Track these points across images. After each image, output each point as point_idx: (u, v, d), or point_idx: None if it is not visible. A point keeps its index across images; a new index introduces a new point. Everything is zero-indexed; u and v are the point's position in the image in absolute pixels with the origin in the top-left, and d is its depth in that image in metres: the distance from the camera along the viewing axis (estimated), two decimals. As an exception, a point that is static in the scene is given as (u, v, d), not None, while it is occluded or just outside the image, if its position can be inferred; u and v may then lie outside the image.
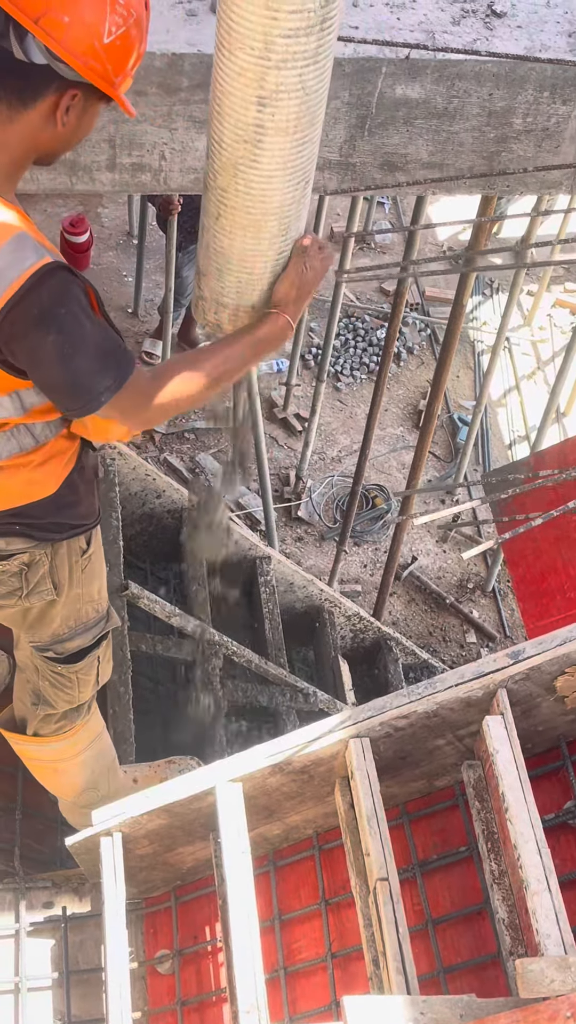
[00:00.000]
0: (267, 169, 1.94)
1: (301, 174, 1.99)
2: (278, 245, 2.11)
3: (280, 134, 1.88)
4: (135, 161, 2.95)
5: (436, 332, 8.35)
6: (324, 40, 1.78)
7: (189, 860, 2.92)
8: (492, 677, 2.52)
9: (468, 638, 6.71)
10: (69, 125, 2.07)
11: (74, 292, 2.05)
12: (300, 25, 1.73)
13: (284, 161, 1.93)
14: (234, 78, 1.83)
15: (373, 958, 2.45)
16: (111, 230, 8.57)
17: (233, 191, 2.00)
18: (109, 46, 1.96)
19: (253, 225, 2.05)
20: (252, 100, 1.84)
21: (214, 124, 1.95)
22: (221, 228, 2.09)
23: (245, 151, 1.92)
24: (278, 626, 4.34)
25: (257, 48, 1.77)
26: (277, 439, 7.45)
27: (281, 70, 1.79)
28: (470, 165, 3.11)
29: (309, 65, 1.80)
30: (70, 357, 2.05)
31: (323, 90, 1.88)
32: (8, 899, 3.04)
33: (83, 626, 2.72)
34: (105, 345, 2.10)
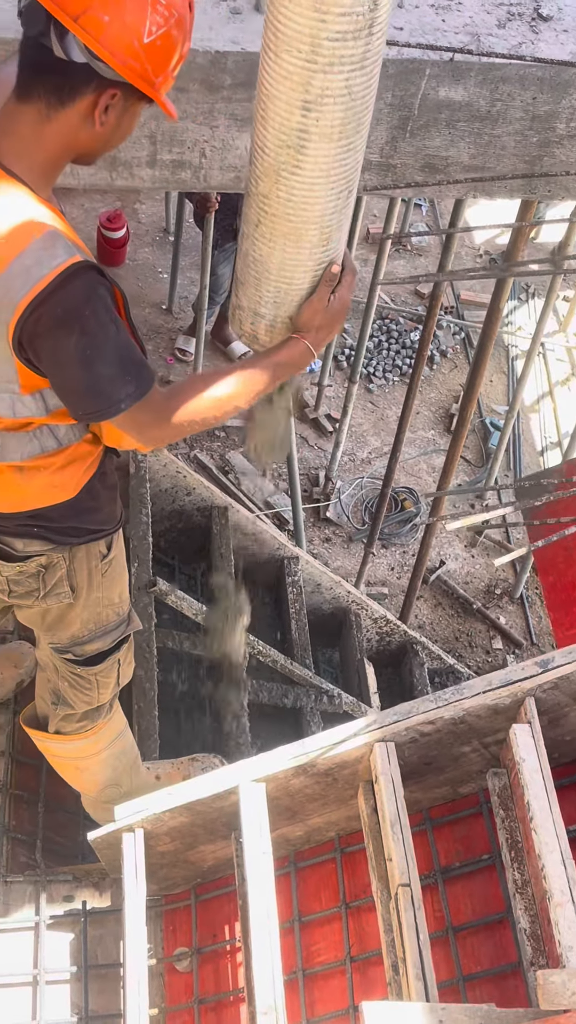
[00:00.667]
0: (310, 176, 1.90)
1: (344, 182, 1.95)
2: (318, 255, 2.08)
3: (324, 140, 1.85)
4: (175, 158, 2.95)
5: (470, 336, 8.32)
6: (372, 45, 1.75)
7: (210, 858, 2.91)
8: (520, 685, 2.50)
9: (494, 644, 6.68)
10: (108, 125, 2.05)
11: (100, 294, 2.03)
12: (348, 28, 1.70)
13: (328, 168, 1.89)
14: (279, 81, 1.80)
15: (393, 964, 2.44)
16: (148, 226, 8.59)
17: (275, 198, 1.97)
18: (149, 46, 1.94)
19: (294, 233, 2.02)
20: (297, 104, 1.81)
21: (258, 128, 1.92)
22: (261, 235, 2.06)
23: (288, 156, 1.89)
24: (304, 627, 4.34)
25: (304, 51, 1.73)
26: (307, 439, 7.44)
27: (328, 74, 1.75)
28: (511, 169, 3.09)
29: (356, 70, 1.76)
30: (91, 360, 2.03)
31: (370, 96, 1.84)
32: (29, 891, 3.05)
33: (103, 629, 2.71)
34: (128, 353, 2.08)
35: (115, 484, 2.58)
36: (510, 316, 8.58)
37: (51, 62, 1.95)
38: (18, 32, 2.66)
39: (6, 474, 2.33)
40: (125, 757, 3.06)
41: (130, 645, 2.85)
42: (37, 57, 1.97)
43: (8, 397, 2.15)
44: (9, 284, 1.97)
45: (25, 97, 2.02)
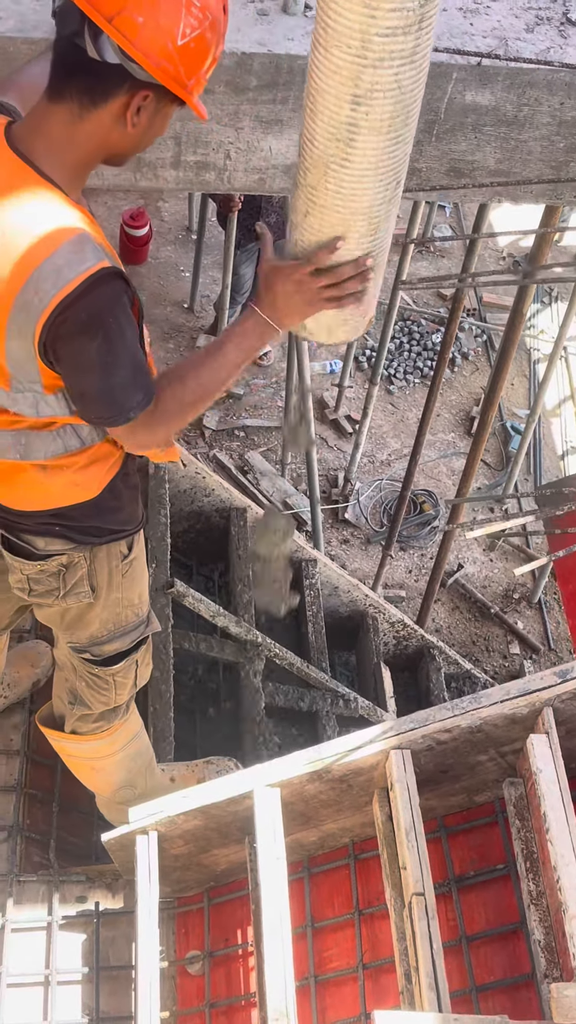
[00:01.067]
0: (358, 168, 1.91)
1: (392, 174, 1.96)
2: (366, 245, 2.08)
3: (373, 133, 1.85)
4: (200, 159, 2.94)
5: (492, 338, 8.29)
6: (422, 39, 1.76)
7: (223, 862, 2.91)
8: (538, 695, 2.49)
9: (511, 649, 6.65)
10: (140, 126, 2.05)
11: (123, 301, 2.04)
12: (398, 24, 1.71)
13: (376, 161, 1.90)
14: (329, 76, 1.81)
15: (405, 972, 2.43)
16: (170, 224, 8.59)
17: (323, 189, 1.97)
18: (183, 48, 1.95)
19: (342, 224, 2.02)
20: (346, 98, 1.81)
21: (307, 121, 1.94)
22: (309, 226, 2.06)
23: (337, 149, 1.89)
24: (321, 630, 4.32)
25: (354, 46, 1.74)
26: (327, 440, 7.43)
27: (377, 69, 1.76)
28: (537, 174, 3.07)
29: (405, 64, 1.77)
30: (109, 367, 2.04)
31: (419, 90, 1.85)
32: (42, 891, 3.05)
33: (122, 630, 2.71)
34: (140, 362, 2.10)
35: (137, 484, 2.58)
36: (533, 319, 8.55)
37: (84, 62, 1.95)
38: (45, 32, 2.67)
39: (29, 473, 2.34)
40: (140, 759, 3.06)
41: (149, 646, 2.85)
42: (70, 57, 1.97)
43: (32, 396, 2.16)
44: (39, 285, 1.97)
45: (57, 97, 2.02)
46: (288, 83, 2.81)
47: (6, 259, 1.99)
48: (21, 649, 3.49)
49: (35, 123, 2.06)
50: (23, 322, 2.01)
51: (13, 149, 2.05)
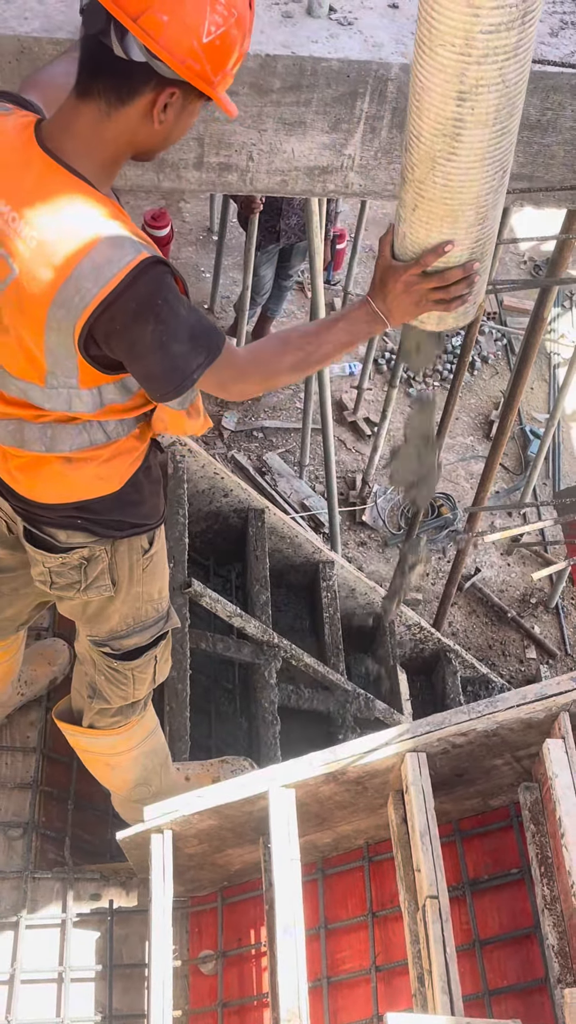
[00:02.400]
0: (466, 162, 1.94)
1: (499, 164, 1.99)
2: (475, 233, 2.11)
3: (479, 127, 1.88)
4: (222, 161, 2.95)
5: (512, 342, 8.27)
6: (525, 33, 1.77)
7: (237, 862, 2.92)
8: (555, 700, 2.49)
9: (528, 654, 6.63)
10: (167, 123, 2.07)
11: (168, 282, 2.07)
12: (501, 20, 1.73)
13: (483, 153, 1.93)
14: (434, 74, 1.83)
15: (418, 975, 2.43)
16: (192, 225, 8.60)
17: (431, 183, 2.00)
18: (208, 45, 1.96)
19: (450, 215, 2.05)
20: (452, 95, 1.84)
21: (412, 119, 1.96)
22: (418, 219, 2.09)
23: (444, 144, 1.92)
24: (338, 631, 4.33)
25: (458, 45, 1.77)
26: (345, 442, 7.42)
27: (482, 65, 1.78)
28: (560, 179, 3.06)
29: (509, 59, 1.79)
30: (167, 344, 2.08)
31: (523, 81, 1.87)
32: (57, 888, 3.06)
33: (142, 624, 2.72)
34: (197, 327, 2.13)
35: (159, 479, 2.61)
36: (553, 324, 8.52)
37: (111, 61, 1.97)
38: (70, 33, 2.68)
39: (54, 465, 2.36)
40: (156, 756, 3.07)
41: (168, 642, 2.86)
42: (97, 56, 1.99)
43: (66, 392, 2.19)
44: (79, 284, 2.00)
45: (85, 95, 2.04)
46: (312, 85, 2.81)
47: (44, 258, 2.01)
48: (38, 647, 3.51)
49: (64, 121, 2.07)
50: (63, 318, 2.03)
51: (43, 148, 2.07)
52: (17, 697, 3.36)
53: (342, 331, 2.27)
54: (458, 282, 2.16)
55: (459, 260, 2.15)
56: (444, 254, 2.11)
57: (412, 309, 2.21)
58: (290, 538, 4.33)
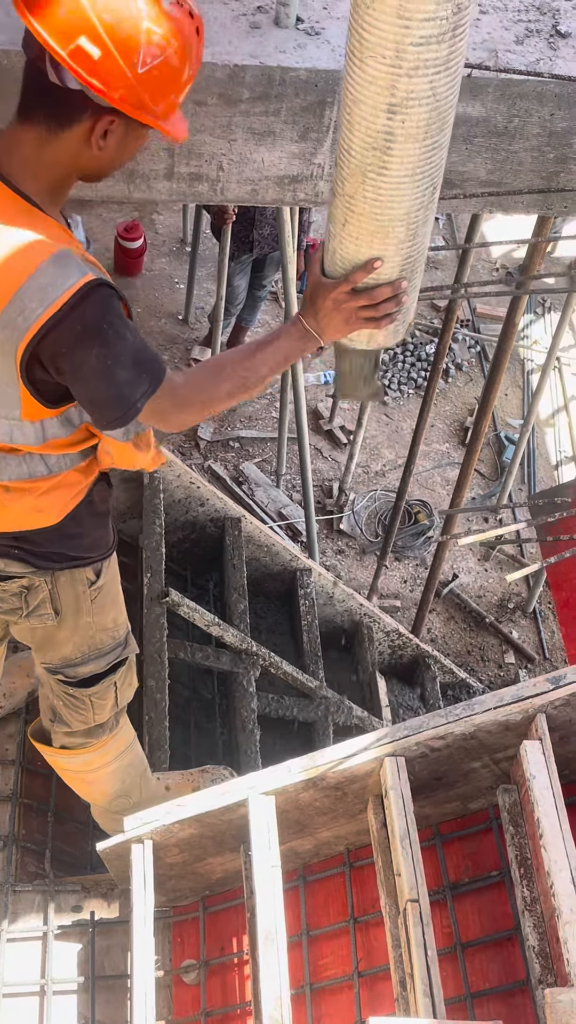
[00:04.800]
0: (396, 176, 1.93)
1: (430, 180, 1.98)
2: (405, 250, 2.11)
3: (410, 141, 1.88)
4: (193, 171, 2.96)
5: (486, 349, 8.32)
6: (455, 47, 1.78)
7: (219, 871, 2.91)
8: (531, 702, 2.49)
9: (507, 659, 6.66)
10: (108, 149, 2.06)
11: (114, 305, 2.06)
12: (432, 33, 1.73)
13: (413, 167, 1.93)
14: (365, 86, 1.83)
15: (400, 979, 2.43)
16: (165, 237, 8.61)
17: (361, 198, 1.99)
18: (144, 76, 1.95)
19: (380, 231, 2.05)
20: (382, 108, 1.84)
21: (343, 132, 1.96)
22: (348, 234, 2.09)
23: (374, 158, 1.92)
24: (316, 639, 4.33)
25: (388, 56, 1.76)
26: (322, 451, 7.44)
27: (412, 78, 1.78)
28: (528, 184, 3.09)
29: (440, 72, 1.79)
30: (112, 369, 2.07)
31: (453, 96, 1.87)
32: (37, 901, 3.05)
33: (97, 652, 2.72)
34: (141, 354, 2.12)
35: (104, 512, 2.58)
36: (526, 330, 8.58)
37: (48, 87, 1.97)
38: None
39: None
40: (134, 769, 3.06)
41: (128, 667, 2.84)
42: (36, 81, 1.99)
43: (7, 424, 2.18)
44: (23, 304, 2.00)
45: (26, 120, 2.05)
46: (280, 95, 2.83)
47: None
48: (16, 659, 3.50)
49: (8, 144, 2.08)
50: (6, 340, 2.03)
51: None
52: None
53: (276, 351, 2.25)
54: (387, 300, 2.14)
55: (388, 277, 2.14)
56: (373, 271, 2.09)
57: (342, 327, 2.19)
58: (267, 546, 4.34)
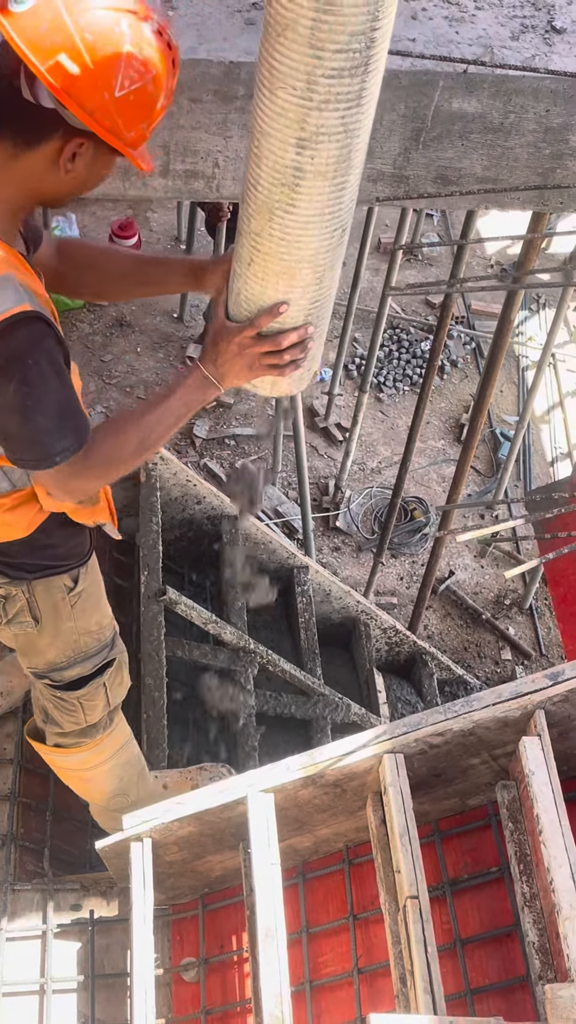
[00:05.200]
0: (304, 214, 1.88)
1: (339, 221, 1.93)
2: (311, 294, 2.05)
3: (319, 178, 1.82)
4: (188, 168, 2.96)
5: (481, 346, 8.32)
6: (368, 82, 1.72)
7: (218, 868, 2.91)
8: (530, 698, 2.50)
9: (503, 655, 6.66)
10: (75, 173, 2.02)
11: (46, 345, 2.01)
12: (344, 65, 1.67)
13: (322, 206, 1.87)
14: (274, 119, 1.77)
15: (400, 976, 2.43)
16: (159, 234, 8.60)
17: (267, 236, 1.94)
18: (121, 100, 1.91)
19: (287, 272, 1.99)
20: (291, 142, 1.78)
21: (251, 165, 1.89)
22: (253, 274, 2.03)
23: (282, 195, 1.86)
24: (314, 636, 4.33)
25: (299, 88, 1.70)
26: (317, 448, 7.44)
27: (323, 111, 1.72)
28: (524, 180, 3.09)
29: (352, 107, 1.73)
30: (31, 410, 2.02)
31: (365, 134, 1.82)
32: (36, 900, 3.05)
33: (83, 655, 2.71)
34: (68, 407, 2.08)
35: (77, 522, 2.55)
36: (521, 327, 8.58)
37: (20, 103, 1.93)
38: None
39: None
40: (131, 767, 3.06)
41: (117, 668, 2.84)
42: (7, 96, 1.94)
43: None
44: None
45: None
46: (276, 92, 2.82)
47: None
48: (13, 658, 3.49)
49: None
50: None
51: None
52: (-7, 709, 3.35)
53: (174, 405, 2.21)
54: (293, 346, 2.10)
55: (294, 322, 2.09)
56: (279, 315, 2.05)
57: (244, 373, 2.15)
58: (264, 544, 4.34)
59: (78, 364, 7.44)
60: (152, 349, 7.68)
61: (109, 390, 7.34)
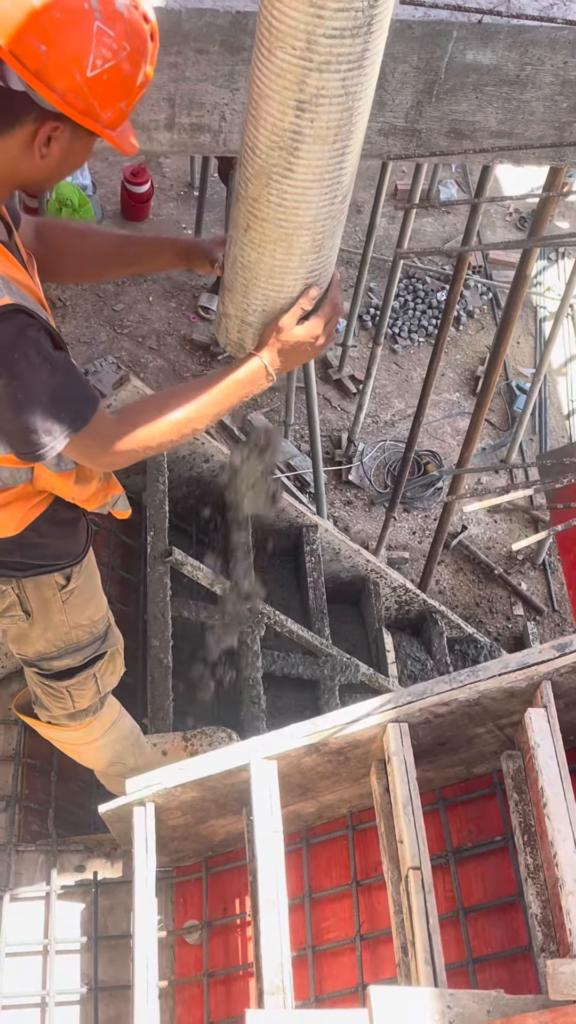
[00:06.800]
0: (302, 179, 1.82)
1: (339, 187, 1.87)
2: (310, 263, 2.00)
3: (319, 142, 1.76)
4: (194, 121, 2.88)
5: (498, 296, 8.21)
6: (371, 43, 1.66)
7: (221, 832, 2.91)
8: (537, 669, 2.46)
9: (515, 610, 6.64)
10: (51, 157, 1.93)
11: (31, 336, 1.95)
12: (346, 25, 1.61)
13: (321, 172, 1.81)
14: (272, 80, 1.70)
15: (402, 945, 2.43)
16: (172, 181, 8.49)
17: (265, 202, 1.88)
18: (94, 80, 1.81)
19: (284, 239, 1.94)
20: (291, 104, 1.72)
21: (248, 128, 1.83)
22: (250, 241, 1.98)
23: (280, 159, 1.80)
24: (322, 596, 4.30)
25: (299, 48, 1.64)
26: (330, 400, 7.37)
27: (323, 73, 1.66)
28: (540, 135, 3.00)
29: (354, 69, 1.67)
30: (22, 404, 1.97)
31: (367, 97, 1.75)
32: (40, 861, 3.05)
33: (74, 647, 2.68)
34: (63, 390, 2.02)
35: (71, 520, 2.50)
36: (539, 276, 8.45)
37: None
38: None
39: None
40: (124, 741, 3.04)
41: (110, 658, 2.81)
42: None
43: None
44: None
45: None
46: (284, 42, 2.74)
47: None
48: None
49: None
50: None
51: None
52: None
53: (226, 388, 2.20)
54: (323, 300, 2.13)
55: (290, 293, 2.06)
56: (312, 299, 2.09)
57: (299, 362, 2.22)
58: (272, 502, 4.30)
59: (89, 313, 7.37)
60: (164, 298, 7.60)
61: (120, 340, 7.27)
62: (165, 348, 7.29)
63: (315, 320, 2.15)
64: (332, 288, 2.18)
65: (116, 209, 8.05)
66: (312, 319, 2.14)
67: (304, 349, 2.17)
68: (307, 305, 2.11)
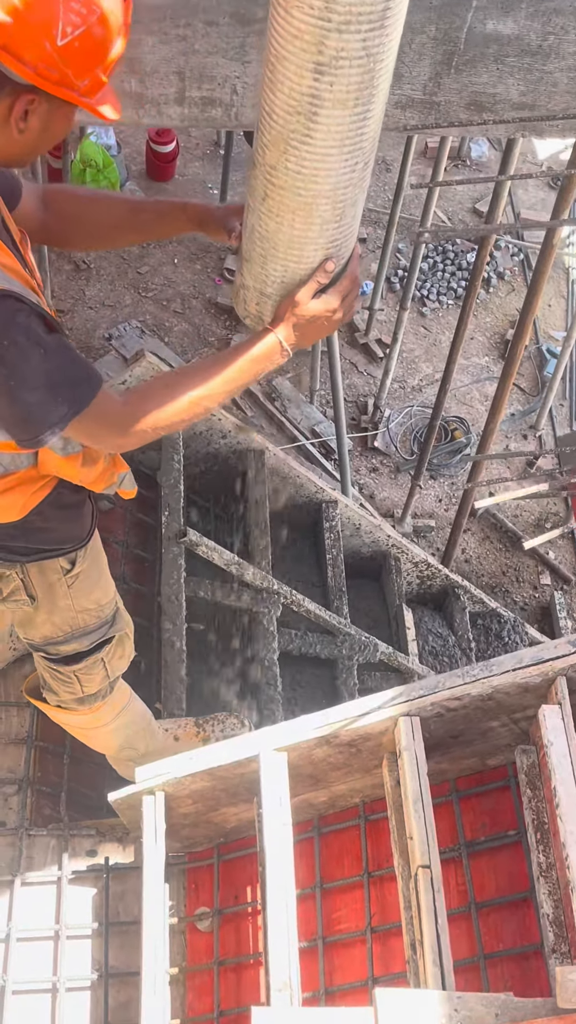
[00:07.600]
0: (322, 146, 1.75)
1: (360, 153, 1.79)
2: (330, 232, 1.93)
3: (339, 106, 1.69)
4: (205, 95, 2.79)
5: (529, 257, 8.05)
6: (392, 2, 1.58)
7: (232, 820, 2.88)
8: (551, 664, 2.41)
9: (542, 580, 6.56)
10: (30, 130, 1.86)
11: (19, 322, 1.90)
12: None
13: (341, 137, 1.74)
14: (289, 41, 1.63)
15: (411, 942, 2.40)
16: (198, 140, 8.37)
17: (283, 169, 1.82)
18: (65, 48, 1.74)
19: (303, 208, 1.87)
20: (309, 67, 1.64)
21: (265, 92, 1.76)
22: (268, 210, 1.92)
23: (298, 124, 1.72)
24: (341, 574, 4.24)
25: (317, 7, 1.56)
26: (357, 365, 7.28)
27: (343, 33, 1.59)
28: (564, 107, 2.89)
29: (375, 29, 1.59)
30: (16, 390, 1.93)
31: (390, 59, 1.67)
32: (52, 845, 3.04)
33: (81, 631, 2.65)
34: (58, 375, 1.97)
35: (75, 504, 2.46)
36: (571, 237, 8.28)
37: None
38: None
39: None
40: (134, 725, 3.02)
41: (118, 642, 2.78)
42: None
43: None
44: None
45: None
46: (298, 12, 2.64)
47: None
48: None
49: None
50: None
51: None
52: (9, 652, 3.32)
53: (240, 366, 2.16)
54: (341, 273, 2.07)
55: (310, 264, 2.00)
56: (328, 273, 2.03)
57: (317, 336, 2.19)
58: (292, 478, 4.23)
59: (113, 276, 7.28)
60: (190, 260, 7.51)
61: (145, 303, 7.20)
62: (190, 312, 7.21)
63: (332, 294, 2.10)
64: (352, 260, 2.12)
65: (141, 169, 7.95)
66: (329, 293, 2.09)
67: (321, 324, 2.13)
68: (323, 279, 2.06)
